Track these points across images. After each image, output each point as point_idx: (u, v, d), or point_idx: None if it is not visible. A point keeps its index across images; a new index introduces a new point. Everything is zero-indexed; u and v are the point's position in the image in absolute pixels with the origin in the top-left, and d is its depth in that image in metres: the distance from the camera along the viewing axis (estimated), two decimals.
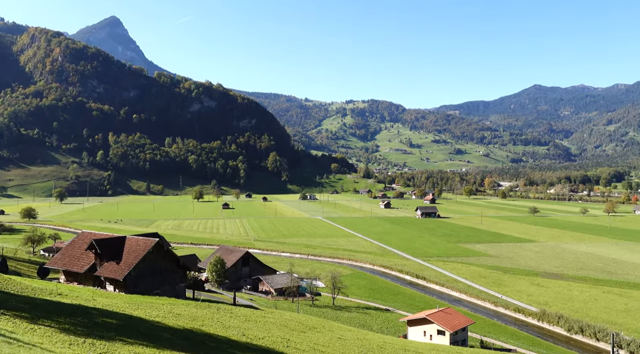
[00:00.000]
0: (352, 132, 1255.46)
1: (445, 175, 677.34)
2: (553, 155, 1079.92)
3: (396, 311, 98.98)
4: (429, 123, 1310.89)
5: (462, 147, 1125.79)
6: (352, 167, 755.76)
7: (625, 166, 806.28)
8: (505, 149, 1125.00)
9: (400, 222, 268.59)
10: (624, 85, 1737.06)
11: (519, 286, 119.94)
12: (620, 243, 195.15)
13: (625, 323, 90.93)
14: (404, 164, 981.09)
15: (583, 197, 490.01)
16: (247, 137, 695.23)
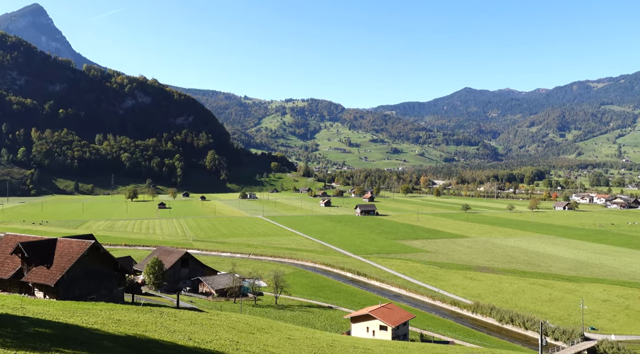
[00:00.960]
0: (291, 131, 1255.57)
1: (383, 174, 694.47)
2: (482, 154, 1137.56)
3: (339, 308, 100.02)
4: (367, 123, 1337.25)
5: (398, 147, 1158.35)
6: (292, 166, 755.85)
7: (546, 165, 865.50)
8: (439, 149, 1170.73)
9: (341, 220, 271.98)
10: (545, 90, 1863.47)
11: (454, 280, 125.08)
12: (543, 237, 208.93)
13: (550, 311, 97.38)
14: (343, 162, 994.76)
15: (509, 194, 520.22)
16: (184, 135, 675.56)
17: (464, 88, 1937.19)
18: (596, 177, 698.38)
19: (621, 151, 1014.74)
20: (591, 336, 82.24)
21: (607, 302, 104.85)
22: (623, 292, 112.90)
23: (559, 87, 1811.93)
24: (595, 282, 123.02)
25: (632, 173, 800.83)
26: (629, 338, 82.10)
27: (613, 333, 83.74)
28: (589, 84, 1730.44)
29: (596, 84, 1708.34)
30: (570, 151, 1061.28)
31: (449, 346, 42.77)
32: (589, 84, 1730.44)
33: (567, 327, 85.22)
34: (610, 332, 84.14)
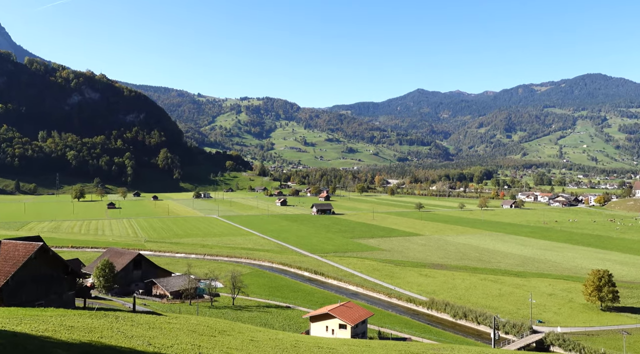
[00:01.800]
0: (247, 129, 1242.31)
1: (339, 173, 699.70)
2: (434, 154, 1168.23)
3: (297, 307, 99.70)
4: (323, 122, 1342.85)
5: (353, 146, 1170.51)
6: (247, 164, 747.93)
7: (494, 164, 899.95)
8: (393, 149, 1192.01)
9: (297, 219, 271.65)
10: (492, 93, 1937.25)
11: (409, 277, 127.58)
12: (492, 234, 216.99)
13: (500, 306, 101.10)
14: (299, 162, 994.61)
15: (460, 193, 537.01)
16: (135, 133, 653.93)
17: (417, 89, 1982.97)
18: (540, 176, 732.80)
19: (562, 151, 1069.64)
20: (539, 328, 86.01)
21: (553, 296, 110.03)
22: (567, 286, 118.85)
23: (506, 90, 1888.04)
24: (541, 277, 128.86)
25: (572, 173, 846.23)
26: (573, 329, 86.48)
27: (559, 325, 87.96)
28: (533, 88, 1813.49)
29: (540, 88, 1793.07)
30: (516, 151, 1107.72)
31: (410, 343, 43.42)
32: (533, 88, 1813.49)
33: (516, 321, 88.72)
34: (556, 324, 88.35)
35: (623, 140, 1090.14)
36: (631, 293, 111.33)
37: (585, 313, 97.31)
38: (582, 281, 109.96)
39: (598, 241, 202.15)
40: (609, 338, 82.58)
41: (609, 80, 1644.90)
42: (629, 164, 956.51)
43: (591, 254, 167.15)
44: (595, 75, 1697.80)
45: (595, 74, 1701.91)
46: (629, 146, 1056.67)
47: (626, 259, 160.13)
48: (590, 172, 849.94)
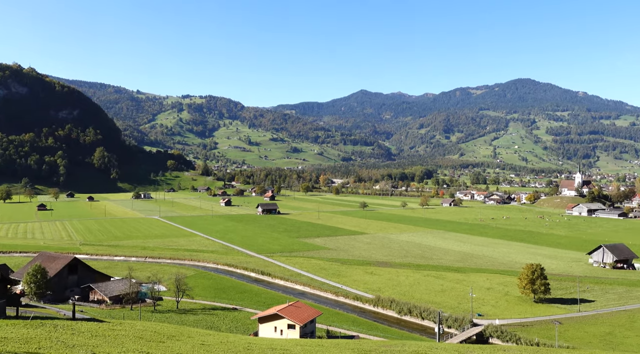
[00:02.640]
0: (189, 128, 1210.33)
1: (284, 172, 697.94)
2: (377, 154, 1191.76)
3: (244, 309, 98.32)
4: (267, 122, 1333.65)
5: (298, 146, 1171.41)
6: (190, 164, 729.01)
7: (434, 164, 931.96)
8: (337, 148, 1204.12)
9: (242, 219, 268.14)
10: (432, 95, 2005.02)
11: (355, 275, 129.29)
12: (433, 232, 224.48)
13: (443, 301, 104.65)
14: (243, 161, 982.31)
15: (402, 192, 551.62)
16: (68, 130, 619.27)
17: (360, 90, 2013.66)
18: (476, 176, 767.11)
19: (496, 152, 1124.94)
20: (479, 321, 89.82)
21: (490, 290, 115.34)
22: (503, 280, 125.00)
23: (445, 93, 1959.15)
24: (480, 272, 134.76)
25: (505, 172, 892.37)
26: (509, 321, 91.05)
27: (497, 317, 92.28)
28: (470, 91, 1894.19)
29: (475, 91, 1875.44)
30: (454, 151, 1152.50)
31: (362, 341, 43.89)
32: (470, 91, 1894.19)
33: (458, 315, 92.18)
34: (495, 317, 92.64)
35: (550, 141, 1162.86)
36: (560, 285, 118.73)
37: (520, 305, 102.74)
38: (517, 275, 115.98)
39: (530, 236, 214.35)
40: (542, 328, 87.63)
41: (538, 85, 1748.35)
42: (555, 164, 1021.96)
43: (524, 249, 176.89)
44: (525, 80, 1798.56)
45: (525, 79, 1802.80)
46: (555, 147, 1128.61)
47: (555, 253, 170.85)
48: (521, 171, 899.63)
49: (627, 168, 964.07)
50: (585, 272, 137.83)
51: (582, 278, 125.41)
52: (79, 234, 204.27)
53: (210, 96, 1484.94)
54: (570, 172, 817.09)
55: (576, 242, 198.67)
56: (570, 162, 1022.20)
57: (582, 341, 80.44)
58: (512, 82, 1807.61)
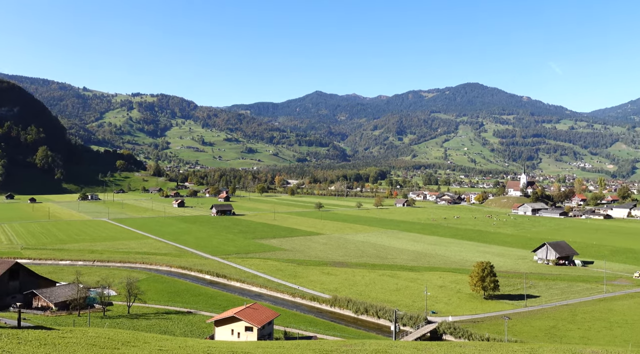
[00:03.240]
0: (140, 127, 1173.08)
1: (238, 173, 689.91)
2: (332, 155, 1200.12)
3: (199, 312, 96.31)
4: (222, 121, 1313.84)
5: (253, 146, 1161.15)
6: (140, 164, 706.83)
7: (387, 165, 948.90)
8: (293, 149, 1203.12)
9: (196, 221, 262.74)
10: (386, 97, 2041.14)
11: (312, 276, 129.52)
12: (388, 232, 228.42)
13: (398, 300, 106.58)
14: (197, 162, 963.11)
15: (357, 193, 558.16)
16: (8, 128, 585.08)
17: (315, 91, 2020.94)
18: (428, 177, 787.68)
19: (447, 154, 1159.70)
20: (433, 319, 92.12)
21: (443, 287, 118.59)
22: (455, 278, 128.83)
23: (397, 95, 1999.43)
24: (433, 270, 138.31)
25: (455, 173, 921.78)
26: (462, 318, 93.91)
27: (450, 314, 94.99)
28: (422, 94, 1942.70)
29: (427, 94, 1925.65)
30: (406, 153, 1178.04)
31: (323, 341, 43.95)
32: (422, 94, 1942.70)
33: (413, 313, 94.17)
34: (448, 314, 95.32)
35: (497, 144, 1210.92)
36: (508, 281, 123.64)
37: (471, 302, 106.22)
38: (468, 272, 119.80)
39: (479, 235, 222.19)
40: (492, 324, 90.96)
41: (486, 90, 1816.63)
42: (501, 166, 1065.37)
43: (474, 248, 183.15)
44: (473, 84, 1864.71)
45: (474, 84, 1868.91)
46: (502, 149, 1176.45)
47: (502, 251, 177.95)
48: (470, 172, 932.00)
49: (567, 170, 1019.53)
50: (531, 269, 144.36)
51: (528, 274, 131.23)
52: (20, 237, 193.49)
53: (162, 94, 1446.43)
54: (515, 173, 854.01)
55: (522, 240, 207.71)
56: (515, 164, 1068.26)
57: (529, 335, 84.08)
58: (461, 86, 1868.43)
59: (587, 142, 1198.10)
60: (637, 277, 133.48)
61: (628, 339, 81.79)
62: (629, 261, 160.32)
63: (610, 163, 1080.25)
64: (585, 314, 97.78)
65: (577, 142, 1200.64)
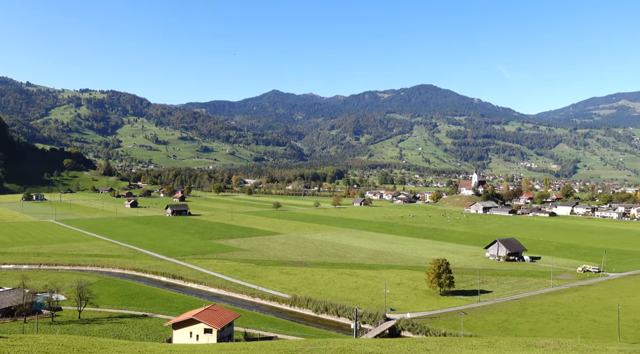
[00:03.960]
0: (89, 124, 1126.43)
1: (194, 172, 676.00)
2: (289, 155, 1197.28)
3: (155, 315, 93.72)
4: (176, 120, 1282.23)
5: (209, 145, 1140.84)
6: (90, 163, 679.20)
7: (344, 165, 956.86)
8: (249, 148, 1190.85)
9: (150, 221, 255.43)
10: (343, 97, 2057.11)
11: (271, 276, 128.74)
12: (346, 231, 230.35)
13: (357, 298, 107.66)
14: (150, 161, 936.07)
15: (315, 192, 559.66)
16: None
17: (273, 90, 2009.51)
18: (384, 176, 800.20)
19: (402, 153, 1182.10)
20: (391, 316, 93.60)
21: (401, 285, 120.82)
22: (411, 275, 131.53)
23: (354, 95, 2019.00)
24: (390, 268, 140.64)
25: (410, 173, 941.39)
26: (419, 314, 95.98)
27: (408, 311, 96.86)
28: (378, 94, 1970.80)
29: (383, 95, 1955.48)
30: (363, 152, 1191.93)
31: (287, 341, 43.66)
32: (378, 94, 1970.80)
33: (372, 310, 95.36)
34: (406, 311, 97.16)
35: (450, 144, 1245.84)
36: (462, 278, 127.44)
37: (428, 298, 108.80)
38: (424, 270, 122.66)
39: (434, 233, 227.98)
40: (448, 319, 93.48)
41: (439, 91, 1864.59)
42: (454, 165, 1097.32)
43: (429, 246, 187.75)
44: (427, 86, 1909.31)
45: (427, 85, 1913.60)
46: (454, 149, 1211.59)
47: (456, 248, 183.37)
48: (425, 172, 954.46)
49: (515, 169, 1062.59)
50: (483, 265, 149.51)
51: (480, 270, 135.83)
52: None
53: (112, 91, 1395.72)
54: (467, 172, 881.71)
55: (474, 237, 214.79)
56: (467, 164, 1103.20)
57: (483, 329, 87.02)
58: (416, 87, 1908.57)
59: (533, 143, 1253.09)
60: (580, 271, 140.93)
61: (573, 331, 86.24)
62: (572, 256, 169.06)
63: (554, 163, 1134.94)
64: (534, 307, 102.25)
65: (524, 143, 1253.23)
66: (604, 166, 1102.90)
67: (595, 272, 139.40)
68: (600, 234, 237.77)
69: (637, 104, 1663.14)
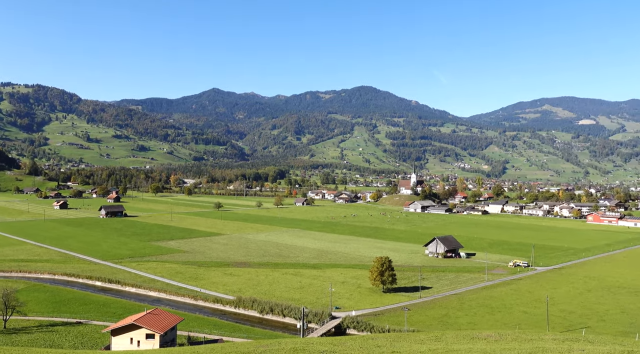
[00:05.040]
0: (11, 120, 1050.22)
1: (130, 172, 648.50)
2: (230, 154, 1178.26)
3: (90, 322, 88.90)
4: (110, 117, 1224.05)
5: (145, 144, 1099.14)
6: (13, 162, 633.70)
7: (286, 165, 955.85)
8: (189, 147, 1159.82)
9: (82, 223, 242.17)
10: (284, 97, 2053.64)
11: (214, 277, 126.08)
12: (289, 231, 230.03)
13: (302, 297, 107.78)
14: (81, 160, 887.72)
15: (257, 192, 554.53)
16: None
17: (213, 88, 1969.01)
18: (325, 176, 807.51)
19: (343, 154, 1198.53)
20: (337, 314, 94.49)
21: (345, 283, 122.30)
22: (355, 273, 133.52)
23: (296, 95, 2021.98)
24: (334, 267, 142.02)
25: (351, 173, 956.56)
26: (364, 311, 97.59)
27: (353, 309, 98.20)
28: (319, 95, 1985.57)
29: (324, 95, 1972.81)
30: (305, 152, 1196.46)
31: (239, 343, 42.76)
32: (319, 95, 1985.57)
33: (318, 310, 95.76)
34: (351, 309, 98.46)
35: (389, 145, 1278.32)
36: (403, 275, 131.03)
37: (372, 296, 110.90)
38: (367, 268, 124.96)
39: (375, 232, 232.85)
40: (391, 315, 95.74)
41: (378, 93, 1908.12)
42: (393, 166, 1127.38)
43: (371, 244, 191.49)
44: (367, 87, 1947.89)
45: (367, 87, 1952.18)
46: (393, 150, 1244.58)
47: (397, 246, 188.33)
48: (365, 172, 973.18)
49: (450, 169, 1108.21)
50: (423, 262, 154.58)
51: (421, 267, 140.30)
52: None
53: (38, 85, 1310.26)
54: (405, 173, 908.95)
55: (414, 235, 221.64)
56: (405, 164, 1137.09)
57: (425, 324, 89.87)
58: (356, 88, 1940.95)
59: (467, 145, 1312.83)
60: (511, 266, 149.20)
61: (507, 322, 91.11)
62: (504, 251, 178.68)
63: (485, 164, 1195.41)
64: (471, 301, 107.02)
65: (458, 145, 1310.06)
66: (529, 166, 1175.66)
67: (525, 266, 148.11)
68: (528, 230, 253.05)
69: (559, 109, 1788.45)
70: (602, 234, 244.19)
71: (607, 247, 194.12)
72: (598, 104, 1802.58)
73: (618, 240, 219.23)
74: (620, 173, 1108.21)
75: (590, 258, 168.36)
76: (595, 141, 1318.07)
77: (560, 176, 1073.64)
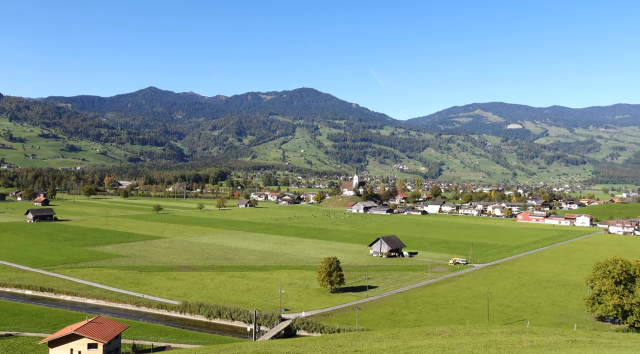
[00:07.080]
0: None
1: (59, 174, 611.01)
2: (169, 155, 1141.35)
3: (22, 334, 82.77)
4: (36, 115, 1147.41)
5: (76, 144, 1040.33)
6: None
7: (227, 166, 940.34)
8: (124, 148, 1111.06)
9: (7, 228, 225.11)
10: (225, 97, 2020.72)
11: (157, 282, 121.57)
12: (233, 233, 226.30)
13: (250, 300, 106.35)
14: (3, 160, 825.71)
15: (197, 194, 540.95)
16: None
17: (149, 87, 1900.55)
18: (268, 177, 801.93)
19: (285, 155, 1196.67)
20: (286, 316, 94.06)
21: (293, 285, 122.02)
22: (302, 274, 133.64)
23: (237, 96, 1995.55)
24: (281, 269, 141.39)
25: (293, 174, 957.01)
26: (313, 312, 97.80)
27: (302, 310, 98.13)
28: (260, 96, 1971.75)
29: (266, 96, 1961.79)
30: (246, 154, 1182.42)
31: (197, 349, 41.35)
32: (260, 96, 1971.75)
33: (267, 312, 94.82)
34: (300, 310, 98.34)
35: (330, 147, 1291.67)
36: (350, 275, 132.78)
37: (320, 297, 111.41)
38: (314, 269, 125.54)
39: (320, 233, 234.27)
40: (340, 315, 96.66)
41: (320, 95, 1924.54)
42: (335, 167, 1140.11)
43: (317, 245, 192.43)
44: (309, 89, 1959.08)
45: (309, 89, 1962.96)
46: (335, 152, 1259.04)
47: (342, 246, 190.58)
48: (307, 173, 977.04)
49: (389, 171, 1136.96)
50: (368, 261, 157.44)
51: (366, 267, 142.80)
52: None
53: None
54: (347, 174, 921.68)
55: (357, 236, 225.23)
56: (346, 166, 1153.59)
57: (373, 322, 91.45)
58: (298, 90, 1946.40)
59: (405, 147, 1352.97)
60: (451, 263, 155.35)
61: (451, 318, 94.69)
62: (444, 250, 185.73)
63: (422, 165, 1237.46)
64: (416, 299, 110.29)
65: (397, 147, 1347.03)
66: (463, 168, 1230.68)
67: (464, 264, 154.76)
68: (465, 229, 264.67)
69: (489, 114, 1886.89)
70: (531, 231, 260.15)
71: (536, 244, 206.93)
72: (524, 109, 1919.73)
73: (545, 237, 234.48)
74: (544, 174, 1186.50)
75: (522, 255, 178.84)
76: (522, 144, 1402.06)
77: (491, 177, 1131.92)
